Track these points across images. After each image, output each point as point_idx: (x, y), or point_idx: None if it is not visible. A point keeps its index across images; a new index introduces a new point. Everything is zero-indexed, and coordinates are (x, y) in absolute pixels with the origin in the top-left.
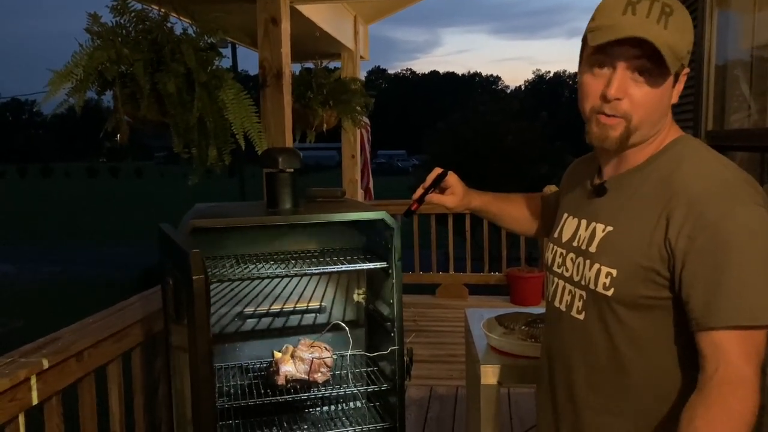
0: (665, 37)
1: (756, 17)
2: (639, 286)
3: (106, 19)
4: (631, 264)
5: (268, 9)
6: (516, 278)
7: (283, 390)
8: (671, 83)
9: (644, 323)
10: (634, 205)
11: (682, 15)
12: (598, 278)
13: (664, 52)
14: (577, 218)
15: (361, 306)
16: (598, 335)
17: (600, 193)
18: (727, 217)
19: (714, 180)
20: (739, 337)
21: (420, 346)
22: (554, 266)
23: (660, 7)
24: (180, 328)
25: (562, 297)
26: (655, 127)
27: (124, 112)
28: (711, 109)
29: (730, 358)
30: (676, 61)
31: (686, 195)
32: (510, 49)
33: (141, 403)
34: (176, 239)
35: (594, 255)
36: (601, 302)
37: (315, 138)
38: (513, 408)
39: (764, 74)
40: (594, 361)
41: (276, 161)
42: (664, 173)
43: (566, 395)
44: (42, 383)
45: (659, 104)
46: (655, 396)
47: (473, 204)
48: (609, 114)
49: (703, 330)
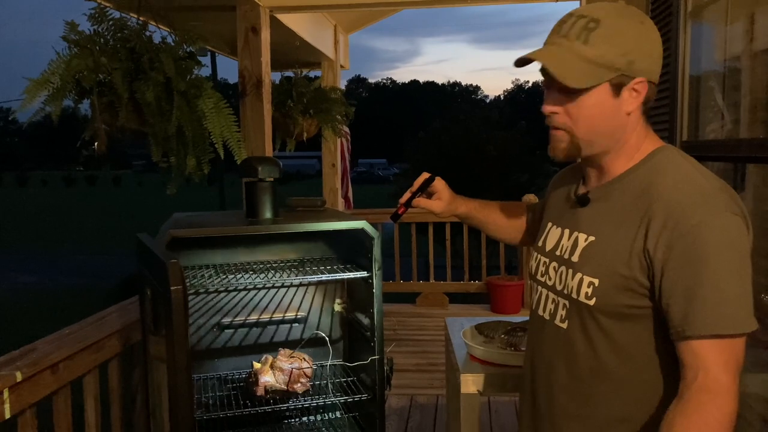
0: (580, 52)
1: (728, 29)
2: (620, 296)
3: (84, 27)
4: (612, 274)
5: (249, 18)
6: (496, 286)
7: (262, 401)
8: (608, 93)
9: (626, 332)
10: (615, 215)
11: (611, 28)
12: (580, 288)
13: (552, 68)
14: (561, 228)
15: (342, 316)
16: (580, 344)
17: (583, 203)
18: (703, 225)
19: (691, 189)
20: (717, 346)
21: (400, 355)
22: (538, 275)
23: (583, 23)
24: (158, 339)
25: (546, 306)
26: (612, 137)
27: (102, 121)
28: (686, 119)
29: (709, 366)
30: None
31: (664, 204)
32: (489, 59)
33: (118, 415)
34: (154, 249)
35: (576, 264)
36: (584, 311)
37: (295, 146)
38: (493, 417)
39: (737, 85)
40: (576, 369)
41: (255, 170)
42: (643, 183)
43: (547, 402)
44: (15, 396)
45: (598, 114)
46: (635, 402)
47: (459, 210)
48: (552, 126)
49: (682, 339)
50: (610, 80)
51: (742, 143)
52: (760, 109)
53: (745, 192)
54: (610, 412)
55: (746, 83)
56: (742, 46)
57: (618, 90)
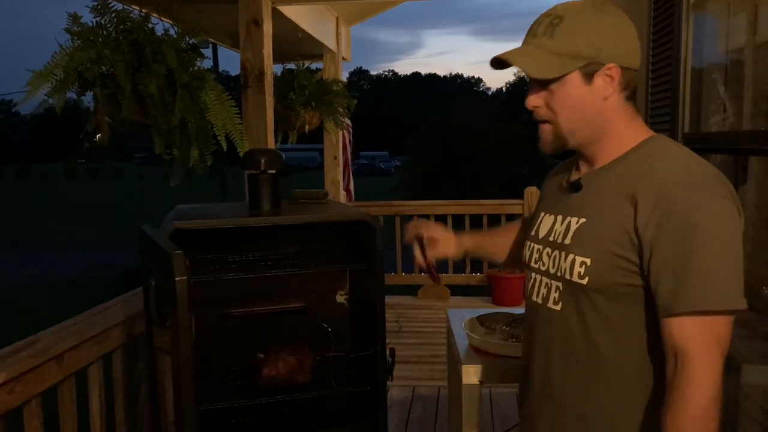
0: (547, 46)
1: (731, 21)
2: (612, 274)
3: (87, 20)
4: (603, 252)
5: (250, 10)
6: (497, 279)
7: (265, 391)
8: (579, 81)
9: (618, 311)
10: (606, 197)
11: (573, 21)
12: (573, 268)
13: (518, 63)
14: (553, 215)
15: (344, 307)
16: (574, 324)
17: (575, 189)
18: (694, 206)
19: (683, 172)
20: (703, 323)
21: (402, 346)
22: (531, 262)
23: (548, 21)
24: (163, 330)
25: (539, 290)
26: (590, 125)
27: (105, 113)
28: (687, 111)
29: (690, 348)
30: (562, 64)
31: (655, 185)
32: (491, 51)
33: (122, 405)
34: (158, 241)
35: (568, 246)
36: (577, 291)
37: (296, 139)
38: (494, 408)
39: (740, 77)
40: (570, 348)
41: (258, 162)
42: (636, 168)
43: (543, 384)
44: (21, 386)
45: (575, 102)
46: (629, 381)
47: (467, 243)
48: (538, 121)
49: (668, 316)
50: (581, 68)
51: (745, 135)
52: (762, 101)
53: (746, 185)
54: (607, 391)
55: (749, 75)
56: (745, 38)
57: (590, 78)
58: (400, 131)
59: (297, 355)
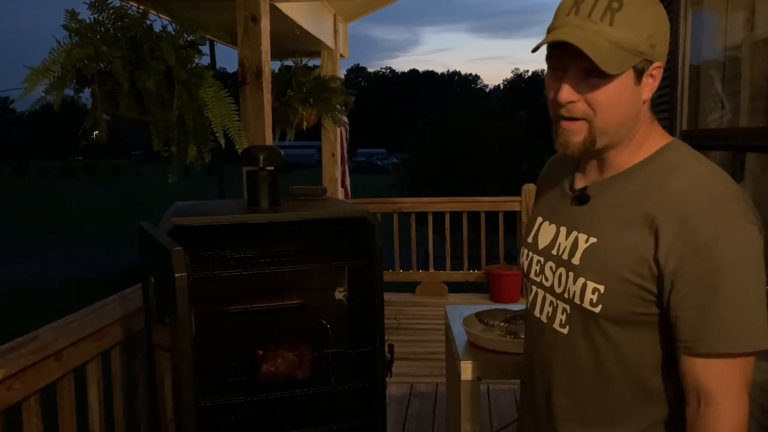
0: (608, 35)
1: (728, 18)
2: (628, 303)
3: (84, 16)
4: (618, 280)
5: (248, 7)
6: (495, 276)
7: (264, 388)
8: (631, 79)
9: (631, 340)
10: (620, 215)
11: (635, 8)
12: (584, 294)
13: (591, 53)
14: (555, 225)
15: (343, 303)
16: (582, 350)
17: (582, 201)
18: (719, 238)
19: (706, 197)
20: (729, 366)
21: (400, 343)
22: (531, 274)
23: (606, 3)
24: (162, 326)
25: (543, 308)
26: (624, 127)
27: (103, 110)
28: (686, 108)
29: (718, 388)
30: (623, 58)
31: (677, 211)
32: (489, 48)
33: (121, 402)
34: (158, 238)
35: (578, 268)
36: (588, 318)
37: (294, 136)
38: (492, 404)
39: (737, 74)
40: (577, 375)
41: (257, 159)
42: (653, 184)
43: (546, 403)
44: (20, 382)
45: (621, 102)
46: (634, 408)
47: None
48: (567, 117)
49: (690, 355)
50: (635, 65)
51: (742, 132)
52: (759, 98)
53: (744, 181)
54: (612, 416)
55: (746, 72)
56: (743, 36)
57: (640, 76)
58: (397, 128)
59: (296, 352)
